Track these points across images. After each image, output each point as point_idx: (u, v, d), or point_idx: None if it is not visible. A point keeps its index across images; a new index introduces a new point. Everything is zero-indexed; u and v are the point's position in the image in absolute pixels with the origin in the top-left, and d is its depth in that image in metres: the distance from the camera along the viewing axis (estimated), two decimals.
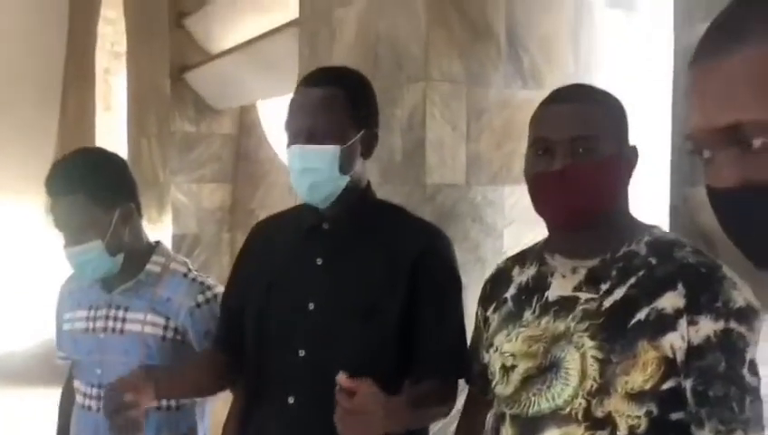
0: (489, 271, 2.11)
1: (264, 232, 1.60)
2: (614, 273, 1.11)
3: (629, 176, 1.16)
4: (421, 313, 1.40)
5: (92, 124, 6.15)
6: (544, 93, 1.21)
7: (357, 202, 1.46)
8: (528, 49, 2.16)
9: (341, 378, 1.20)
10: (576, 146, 1.09)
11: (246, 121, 4.41)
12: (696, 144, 0.69)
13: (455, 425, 1.41)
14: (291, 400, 1.40)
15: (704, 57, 0.67)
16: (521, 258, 1.27)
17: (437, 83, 2.03)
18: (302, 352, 1.40)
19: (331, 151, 1.38)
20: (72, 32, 7.03)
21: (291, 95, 1.48)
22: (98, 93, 6.18)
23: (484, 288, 1.31)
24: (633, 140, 1.18)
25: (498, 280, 1.28)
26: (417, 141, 2.05)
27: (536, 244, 1.27)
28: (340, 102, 1.40)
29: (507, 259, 1.32)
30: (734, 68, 0.64)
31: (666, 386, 1.03)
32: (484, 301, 1.29)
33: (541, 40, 2.18)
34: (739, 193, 0.66)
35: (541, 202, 1.16)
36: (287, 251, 1.49)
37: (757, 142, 0.64)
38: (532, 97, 2.12)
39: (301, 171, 1.39)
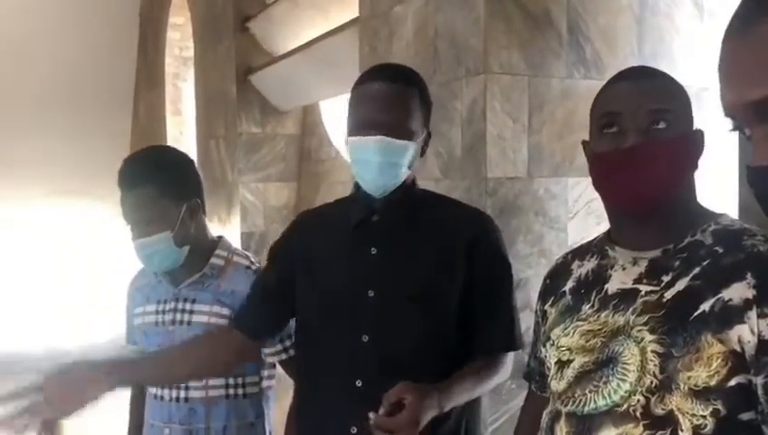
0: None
1: (310, 223, 1.63)
2: (677, 263, 1.05)
3: (697, 161, 1.09)
4: (476, 295, 1.45)
5: (163, 128, 6.35)
6: None
7: (404, 194, 1.49)
8: (589, 37, 2.12)
9: (373, 417, 1.25)
10: (651, 120, 1.03)
11: (309, 122, 4.47)
12: (735, 122, 0.67)
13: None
14: (359, 383, 1.44)
15: (734, 30, 0.66)
16: (581, 251, 1.22)
17: (497, 76, 2.01)
18: (365, 338, 1.45)
19: (410, 147, 1.43)
20: (143, 39, 7.28)
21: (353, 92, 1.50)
22: (167, 98, 6.38)
23: (543, 282, 1.29)
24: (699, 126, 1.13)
25: (557, 274, 1.24)
26: (478, 135, 2.04)
27: (597, 236, 1.22)
28: (416, 100, 1.45)
29: (567, 253, 1.28)
30: (763, 40, 0.63)
31: (733, 382, 0.95)
32: (544, 295, 1.26)
33: (603, 28, 2.14)
34: None
35: (606, 184, 1.09)
36: (337, 244, 1.53)
37: None
38: (595, 86, 2.06)
39: (379, 163, 1.41)
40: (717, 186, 1.57)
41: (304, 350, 1.59)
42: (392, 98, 1.42)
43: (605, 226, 1.22)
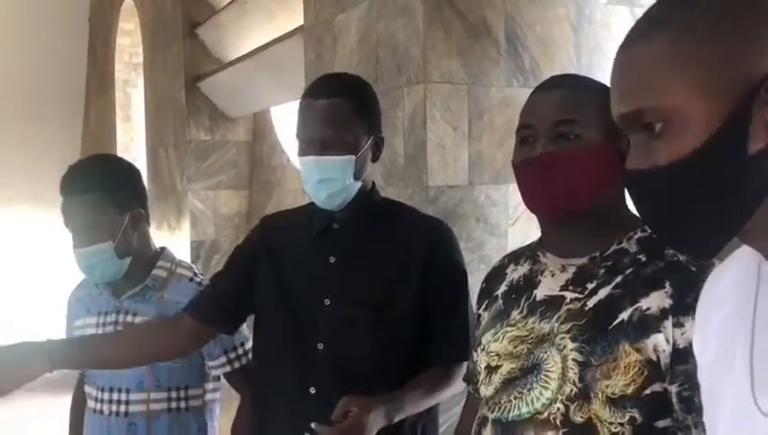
0: None
1: (271, 229, 1.63)
2: (602, 271, 1.06)
3: (621, 169, 1.12)
4: (431, 304, 1.47)
5: (113, 135, 6.26)
6: None
7: (364, 202, 1.51)
8: (527, 46, 2.15)
9: (315, 427, 1.26)
10: (556, 131, 1.06)
11: (260, 128, 4.45)
12: (624, 128, 0.73)
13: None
14: (312, 390, 1.45)
15: (624, 43, 0.72)
16: (516, 256, 1.24)
17: (437, 85, 2.04)
18: (320, 346, 1.46)
19: (346, 161, 1.44)
20: (92, 44, 7.16)
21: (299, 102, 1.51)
22: (117, 104, 6.29)
23: (481, 286, 1.30)
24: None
25: (493, 277, 1.26)
26: (419, 143, 2.06)
27: (532, 242, 1.24)
28: (350, 112, 1.45)
29: (505, 256, 1.30)
30: (637, 59, 0.69)
31: (649, 391, 0.97)
32: (480, 298, 1.28)
33: (540, 37, 2.18)
34: (642, 175, 0.70)
35: (524, 192, 1.13)
36: (299, 250, 1.54)
37: (658, 127, 0.68)
38: None
39: (318, 181, 1.44)
40: None
41: (261, 354, 1.59)
42: (325, 115, 1.44)
43: None
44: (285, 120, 4.09)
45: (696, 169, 0.67)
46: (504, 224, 2.14)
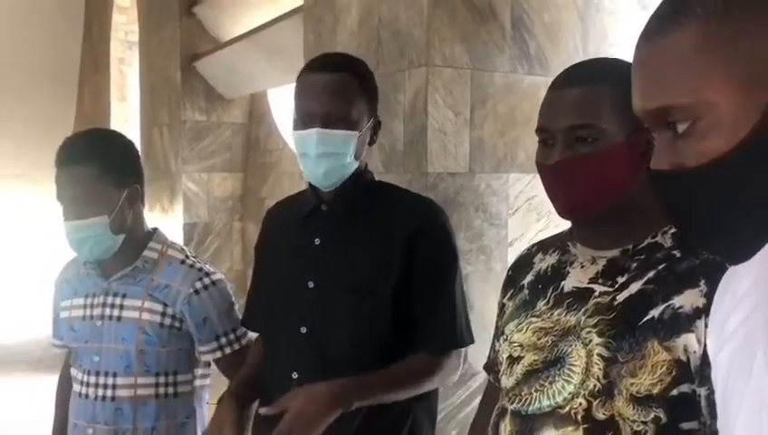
0: (493, 261, 2.10)
1: (273, 218, 1.64)
2: (634, 265, 1.03)
3: (647, 160, 1.09)
4: (416, 288, 1.42)
5: (107, 114, 6.19)
6: (551, 79, 1.14)
7: (355, 185, 1.47)
8: (533, 33, 2.11)
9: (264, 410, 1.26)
10: (574, 135, 1.02)
11: (256, 111, 4.40)
12: (648, 124, 0.69)
13: (464, 413, 1.38)
14: (295, 375, 1.42)
15: (645, 34, 0.67)
16: (545, 245, 1.20)
17: (440, 69, 1.99)
18: (303, 329, 1.43)
19: (349, 137, 1.39)
20: (88, 22, 7.07)
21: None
22: (113, 83, 6.21)
23: (506, 274, 1.26)
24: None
25: (519, 266, 1.22)
26: (419, 129, 2.01)
27: (563, 231, 1.20)
28: (356, 88, 1.41)
29: (533, 244, 1.25)
30: (664, 52, 0.64)
31: (676, 392, 0.94)
32: (505, 287, 1.24)
33: (547, 23, 2.13)
34: (670, 177, 0.66)
35: (547, 192, 1.11)
36: (290, 233, 1.52)
37: (682, 127, 0.64)
38: (538, 82, 2.08)
39: (318, 156, 1.39)
40: None
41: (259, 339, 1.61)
42: (331, 88, 1.39)
43: (545, 222, 1.21)
44: (282, 103, 4.03)
45: (728, 170, 0.62)
46: (505, 214, 2.10)
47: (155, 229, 1.80)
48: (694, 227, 0.69)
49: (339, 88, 1.39)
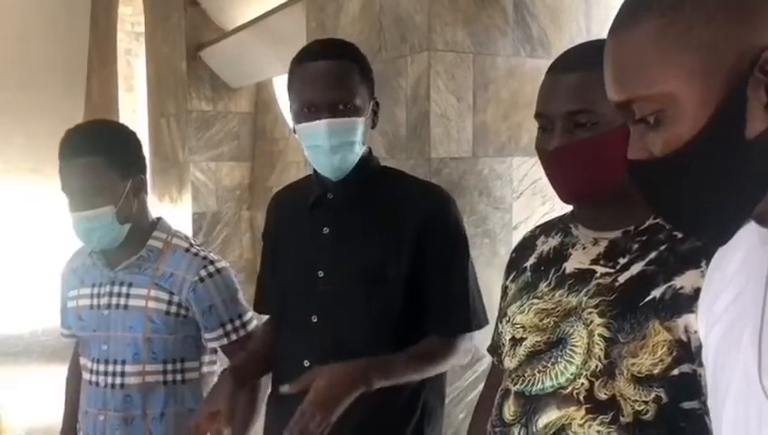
0: (498, 245, 2.10)
1: (278, 206, 1.63)
2: (636, 246, 1.03)
3: None
4: (427, 273, 1.42)
5: (116, 105, 6.20)
6: None
7: (361, 171, 1.46)
8: (536, 15, 2.09)
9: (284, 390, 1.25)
10: (572, 121, 1.02)
11: (263, 99, 4.40)
12: (621, 116, 0.71)
13: (471, 396, 1.38)
14: (306, 363, 1.42)
15: (613, 27, 0.69)
16: (548, 227, 1.21)
17: (442, 53, 1.98)
18: (314, 318, 1.44)
19: (358, 123, 1.38)
20: (95, 13, 7.07)
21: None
22: (120, 75, 6.22)
23: (510, 256, 1.27)
24: None
25: (523, 248, 1.23)
26: (422, 114, 2.01)
27: (565, 213, 1.21)
28: (356, 73, 1.40)
29: (536, 227, 1.26)
30: (625, 46, 0.67)
31: (677, 371, 0.94)
32: (508, 269, 1.25)
33: (549, 5, 2.11)
34: (642, 166, 0.69)
35: (548, 179, 1.11)
36: (297, 222, 1.52)
37: (651, 118, 0.66)
38: (541, 65, 2.06)
39: (332, 147, 1.37)
40: None
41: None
42: (333, 76, 1.37)
43: (550, 205, 1.21)
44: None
45: (693, 157, 0.64)
46: (509, 197, 2.09)
47: (159, 219, 1.81)
48: (668, 214, 0.72)
49: (341, 75, 1.38)
